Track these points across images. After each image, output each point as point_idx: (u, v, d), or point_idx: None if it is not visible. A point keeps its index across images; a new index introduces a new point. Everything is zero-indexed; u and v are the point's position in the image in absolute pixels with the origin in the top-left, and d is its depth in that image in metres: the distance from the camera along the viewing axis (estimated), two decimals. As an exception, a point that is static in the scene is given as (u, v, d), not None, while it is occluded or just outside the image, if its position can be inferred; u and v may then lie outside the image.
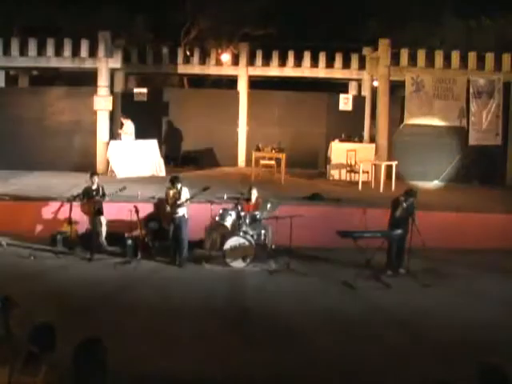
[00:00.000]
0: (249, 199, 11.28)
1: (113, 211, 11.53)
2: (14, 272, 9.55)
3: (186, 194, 10.57)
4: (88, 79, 18.69)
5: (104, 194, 11.25)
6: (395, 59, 16.43)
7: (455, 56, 16.54)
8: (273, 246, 11.05)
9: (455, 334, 7.73)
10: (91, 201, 11.05)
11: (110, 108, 16.62)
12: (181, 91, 22.40)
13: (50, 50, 16.43)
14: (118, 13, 23.56)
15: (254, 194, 11.30)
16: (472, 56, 16.56)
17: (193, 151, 18.56)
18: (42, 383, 3.99)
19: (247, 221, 10.86)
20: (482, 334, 7.71)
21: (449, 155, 16.95)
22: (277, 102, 18.85)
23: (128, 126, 16.29)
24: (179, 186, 10.58)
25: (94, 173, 11.57)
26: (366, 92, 18.73)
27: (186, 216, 10.60)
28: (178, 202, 10.44)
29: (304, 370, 6.55)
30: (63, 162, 16.45)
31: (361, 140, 16.35)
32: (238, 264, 10.41)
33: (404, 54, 16.45)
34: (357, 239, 9.79)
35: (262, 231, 10.94)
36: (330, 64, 18.40)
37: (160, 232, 11.21)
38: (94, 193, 11.16)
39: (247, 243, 10.45)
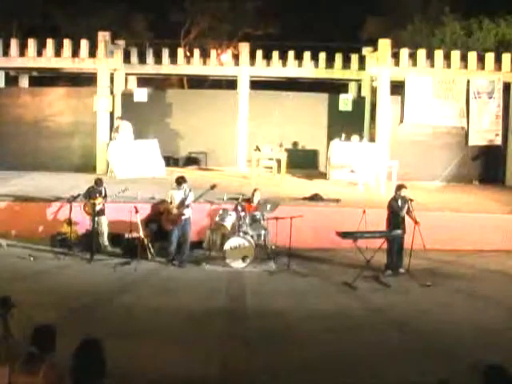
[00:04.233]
0: (251, 201, 11.28)
1: (113, 212, 11.52)
2: (14, 273, 9.55)
3: (191, 194, 10.57)
4: (88, 80, 18.72)
5: (106, 195, 11.28)
6: (395, 59, 16.45)
7: (455, 56, 16.55)
8: (273, 247, 11.04)
9: (455, 333, 7.72)
10: (92, 201, 11.04)
11: (110, 109, 16.63)
12: (181, 92, 22.44)
13: (50, 50, 16.44)
14: (117, 13, 23.60)
15: (258, 196, 11.31)
16: (472, 56, 16.57)
17: (193, 152, 18.55)
18: (42, 383, 3.99)
19: (247, 221, 10.86)
20: (481, 334, 7.71)
21: (449, 155, 16.96)
22: (277, 102, 18.83)
23: (125, 126, 16.28)
24: (185, 186, 10.58)
25: (99, 180, 11.47)
26: (365, 92, 18.73)
27: (191, 217, 10.60)
28: (187, 203, 10.43)
29: (304, 370, 6.54)
30: (63, 162, 16.46)
31: (361, 140, 16.34)
32: (238, 264, 10.41)
33: (404, 54, 16.46)
34: (357, 240, 9.80)
35: (262, 232, 10.94)
36: (330, 64, 18.41)
37: (160, 233, 11.19)
38: (97, 194, 11.16)
39: (247, 244, 10.45)
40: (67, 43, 16.42)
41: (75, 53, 16.47)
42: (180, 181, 10.64)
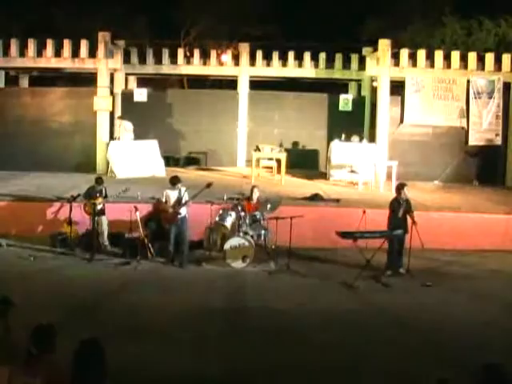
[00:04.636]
0: (250, 199, 11.28)
1: (113, 212, 11.52)
2: (14, 272, 9.55)
3: (186, 193, 10.58)
4: (88, 80, 18.73)
5: (106, 195, 11.28)
6: (395, 59, 16.45)
7: (455, 56, 16.56)
8: (273, 247, 11.03)
9: (455, 333, 7.73)
10: (92, 201, 11.04)
11: (110, 109, 16.64)
12: (181, 92, 22.43)
13: (50, 50, 16.45)
14: (117, 13, 23.59)
15: (256, 193, 11.32)
16: (472, 56, 16.57)
17: (193, 152, 18.57)
18: (42, 383, 3.99)
19: (247, 221, 10.86)
20: (481, 333, 7.72)
21: (448, 155, 16.97)
22: (277, 102, 18.86)
23: (126, 125, 16.31)
24: (180, 185, 10.58)
25: (99, 179, 11.50)
26: (365, 92, 18.75)
27: (187, 216, 10.60)
28: (183, 202, 10.42)
29: (304, 370, 6.54)
30: (63, 162, 16.47)
31: (361, 140, 16.36)
32: (238, 264, 10.41)
33: (404, 54, 16.47)
34: (356, 240, 9.79)
35: (262, 232, 10.94)
36: (330, 64, 18.42)
37: (159, 232, 11.19)
38: (97, 194, 11.16)
39: (247, 244, 10.44)
40: (67, 43, 16.44)
41: (75, 53, 16.49)
42: (174, 181, 10.65)
